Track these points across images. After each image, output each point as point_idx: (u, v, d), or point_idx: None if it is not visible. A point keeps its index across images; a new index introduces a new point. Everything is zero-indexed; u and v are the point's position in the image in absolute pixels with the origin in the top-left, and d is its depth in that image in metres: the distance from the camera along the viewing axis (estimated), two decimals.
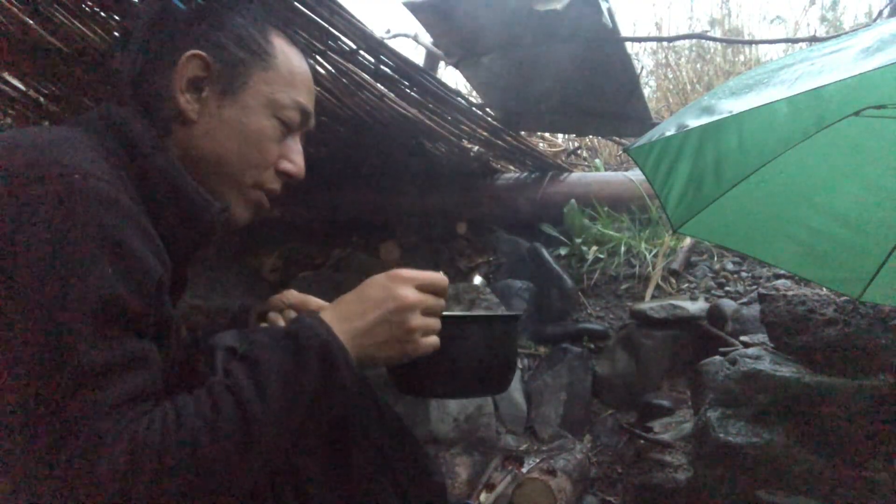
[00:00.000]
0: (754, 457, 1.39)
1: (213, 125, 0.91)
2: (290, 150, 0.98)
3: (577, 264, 2.46)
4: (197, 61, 0.90)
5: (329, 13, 1.46)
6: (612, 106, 2.33)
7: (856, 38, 0.90)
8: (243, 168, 0.93)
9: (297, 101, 0.96)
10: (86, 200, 0.70)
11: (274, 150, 0.96)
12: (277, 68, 0.95)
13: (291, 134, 0.98)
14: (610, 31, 1.94)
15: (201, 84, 0.91)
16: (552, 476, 1.67)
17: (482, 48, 2.14)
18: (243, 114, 0.92)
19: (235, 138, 0.92)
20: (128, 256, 0.72)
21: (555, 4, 1.83)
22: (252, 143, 0.93)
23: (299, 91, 0.97)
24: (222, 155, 0.92)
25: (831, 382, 1.39)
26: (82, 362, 0.66)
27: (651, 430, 1.82)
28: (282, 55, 0.96)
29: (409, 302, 0.85)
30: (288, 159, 0.98)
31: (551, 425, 2.06)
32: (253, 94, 0.93)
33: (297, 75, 0.97)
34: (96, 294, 0.68)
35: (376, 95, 1.90)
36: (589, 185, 2.61)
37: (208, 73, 0.91)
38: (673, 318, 2.05)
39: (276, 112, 0.94)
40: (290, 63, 0.97)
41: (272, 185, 0.98)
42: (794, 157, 1.28)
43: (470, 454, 1.93)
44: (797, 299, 1.52)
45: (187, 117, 0.90)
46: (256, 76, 0.93)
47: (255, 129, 0.93)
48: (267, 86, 0.94)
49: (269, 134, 0.94)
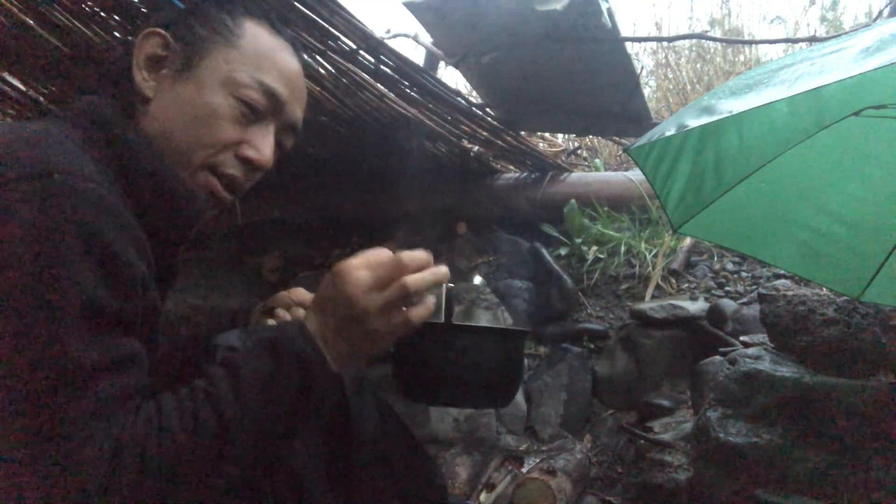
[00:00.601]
0: (754, 457, 1.39)
1: (167, 102, 0.89)
2: (254, 137, 0.92)
3: (577, 264, 2.46)
4: (155, 38, 0.89)
5: (329, 13, 1.46)
6: (612, 106, 2.33)
7: (856, 38, 0.90)
8: (192, 146, 0.89)
9: (261, 82, 0.91)
10: (66, 200, 0.70)
11: (229, 132, 0.90)
12: (241, 47, 0.91)
13: (261, 121, 0.93)
14: (610, 31, 1.94)
15: (161, 62, 0.90)
16: (552, 476, 1.67)
17: (482, 48, 2.14)
18: (197, 90, 0.89)
19: (186, 115, 0.89)
20: (110, 256, 0.72)
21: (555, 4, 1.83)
22: (202, 120, 0.89)
23: (266, 72, 0.92)
24: (171, 132, 0.88)
25: (831, 382, 1.39)
26: (66, 365, 0.66)
27: (651, 430, 1.82)
28: (251, 36, 0.92)
29: (360, 308, 0.78)
30: (251, 145, 0.92)
31: (551, 425, 2.06)
32: (210, 72, 0.89)
33: (264, 56, 0.93)
34: (79, 296, 0.68)
35: (376, 95, 1.90)
36: (589, 185, 2.61)
37: (167, 52, 0.90)
38: (673, 318, 2.05)
39: (234, 91, 0.90)
40: (257, 43, 0.93)
41: (229, 170, 0.92)
42: (794, 157, 1.27)
43: (470, 454, 1.93)
44: (797, 299, 1.52)
45: (143, 95, 0.89)
46: (216, 53, 0.90)
47: (207, 106, 0.89)
48: (227, 64, 0.90)
49: (224, 113, 0.89)
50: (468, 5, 2.01)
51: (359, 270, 0.80)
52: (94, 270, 0.70)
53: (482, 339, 1.00)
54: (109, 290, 0.71)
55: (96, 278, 0.70)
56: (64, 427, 0.65)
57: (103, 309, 0.70)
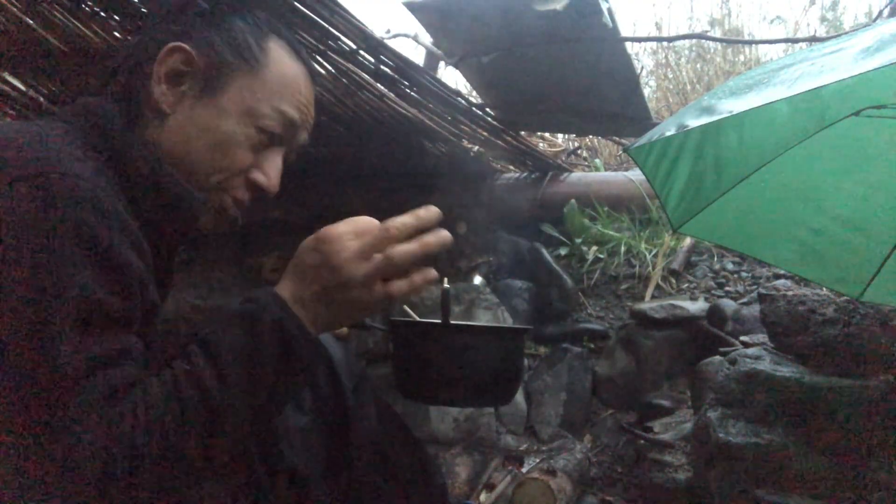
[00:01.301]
0: (754, 457, 1.39)
1: (186, 122, 0.89)
2: (265, 161, 0.94)
3: (577, 264, 2.46)
4: (180, 54, 0.89)
5: (329, 13, 1.46)
6: (612, 106, 2.33)
7: (856, 38, 0.90)
8: (208, 170, 0.90)
9: (282, 112, 0.92)
10: (64, 200, 0.70)
11: (244, 158, 0.91)
12: (265, 77, 0.92)
13: (273, 146, 0.94)
14: (610, 31, 1.93)
15: (181, 78, 0.90)
16: (552, 476, 1.67)
17: (482, 48, 2.14)
18: (218, 116, 0.89)
19: (205, 139, 0.89)
20: (107, 255, 0.72)
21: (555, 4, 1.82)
22: (220, 147, 0.90)
23: (286, 102, 0.93)
24: (188, 153, 0.89)
25: (831, 382, 1.39)
26: (62, 364, 0.67)
27: (651, 430, 1.82)
28: (274, 64, 0.93)
29: (344, 276, 0.77)
30: (261, 170, 0.94)
31: (551, 425, 2.06)
32: (232, 99, 0.90)
33: (286, 86, 0.94)
34: (76, 295, 0.69)
35: (376, 95, 1.90)
36: (589, 185, 2.61)
37: (190, 68, 0.89)
38: (673, 318, 2.05)
39: (255, 120, 0.91)
40: (281, 72, 0.93)
41: (239, 194, 0.94)
42: (795, 157, 1.27)
43: (470, 454, 1.93)
44: (797, 299, 1.52)
45: (161, 109, 0.89)
46: (240, 81, 0.91)
47: (226, 133, 0.89)
48: (249, 92, 0.91)
49: (241, 141, 0.91)
50: (468, 5, 2.00)
51: (345, 238, 0.78)
52: (91, 269, 0.70)
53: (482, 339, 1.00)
54: (106, 289, 0.71)
55: (93, 277, 0.70)
56: (56, 426, 0.65)
57: (100, 307, 0.71)
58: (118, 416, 0.68)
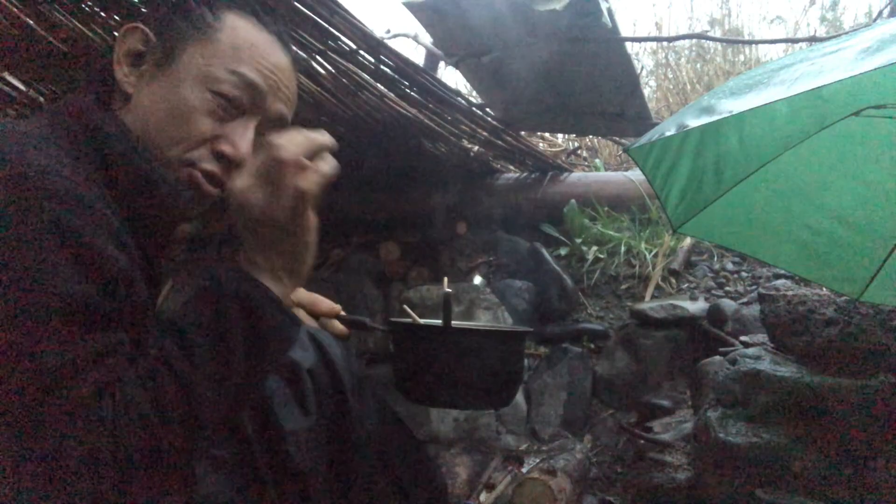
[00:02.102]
0: (754, 457, 1.39)
1: (145, 98, 0.88)
2: (232, 131, 0.89)
3: (577, 264, 2.46)
4: (136, 34, 0.89)
5: (329, 13, 1.46)
6: (612, 106, 2.33)
7: (856, 38, 0.91)
8: (167, 142, 0.88)
9: (239, 73, 0.88)
10: (42, 198, 0.70)
11: (203, 127, 0.88)
12: (219, 40, 0.89)
13: (240, 116, 0.90)
14: (610, 31, 1.94)
15: (141, 59, 0.89)
16: (552, 476, 1.67)
17: (482, 48, 2.14)
18: (173, 86, 0.88)
19: (162, 111, 0.87)
20: (88, 253, 0.72)
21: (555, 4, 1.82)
22: (177, 115, 0.87)
23: (244, 64, 0.89)
24: (148, 128, 0.87)
25: (831, 382, 1.39)
26: (44, 365, 0.66)
27: (651, 430, 1.82)
28: (229, 29, 0.90)
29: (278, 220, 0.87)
30: (228, 140, 0.89)
31: (551, 425, 2.06)
32: (186, 67, 0.88)
33: (243, 50, 0.90)
34: (57, 294, 0.68)
35: (376, 95, 1.90)
36: (589, 185, 2.61)
37: (147, 47, 0.89)
38: (673, 318, 2.05)
39: (210, 85, 0.88)
40: (236, 36, 0.90)
41: (206, 165, 0.89)
42: (794, 157, 1.27)
43: (470, 454, 1.93)
44: (797, 299, 1.52)
45: (124, 91, 0.89)
46: (193, 49, 0.89)
47: (182, 101, 0.87)
48: (202, 58, 0.88)
49: (196, 106, 0.87)
50: (468, 5, 2.01)
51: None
52: (71, 266, 0.70)
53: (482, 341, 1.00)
54: (87, 286, 0.71)
55: (73, 274, 0.70)
56: (40, 429, 0.65)
57: (82, 305, 0.70)
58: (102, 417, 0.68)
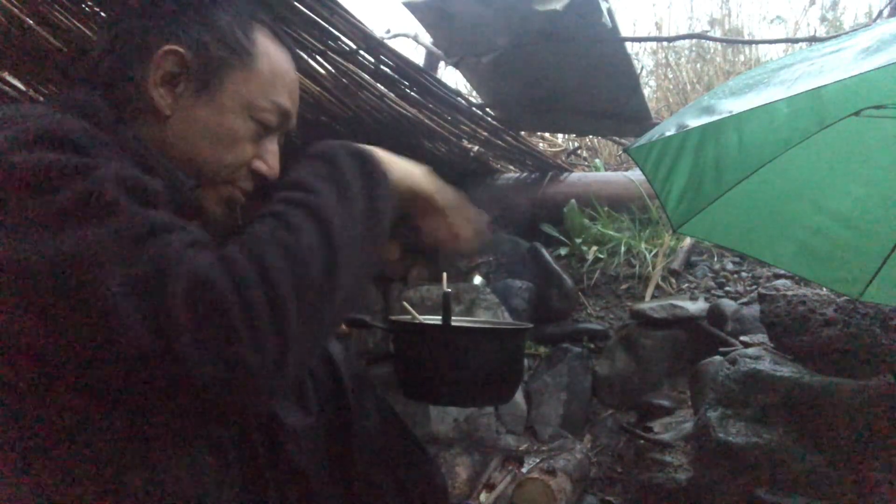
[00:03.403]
0: (754, 457, 1.39)
1: (187, 122, 0.90)
2: (265, 151, 0.96)
3: (577, 264, 2.46)
4: (174, 56, 0.89)
5: (329, 13, 1.46)
6: (612, 106, 2.33)
7: (856, 39, 0.90)
8: (216, 167, 0.93)
9: (276, 103, 0.95)
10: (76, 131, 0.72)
11: (248, 150, 0.95)
12: (258, 69, 0.93)
13: (269, 134, 0.97)
14: (610, 31, 1.93)
15: (177, 79, 0.90)
16: (552, 476, 1.67)
17: (482, 48, 2.14)
18: (218, 113, 0.91)
19: (209, 137, 0.91)
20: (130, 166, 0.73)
21: (555, 4, 1.82)
22: (226, 143, 0.92)
23: (279, 93, 0.96)
24: (195, 153, 0.91)
25: (831, 382, 1.39)
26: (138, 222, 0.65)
27: (651, 430, 1.82)
28: (264, 55, 0.94)
29: None
30: (262, 160, 0.96)
31: (551, 425, 2.06)
32: (230, 95, 0.92)
33: (278, 77, 0.96)
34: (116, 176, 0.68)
35: (376, 95, 1.90)
36: (589, 185, 2.61)
37: (184, 69, 0.90)
38: (673, 318, 2.05)
39: (253, 113, 0.93)
40: (272, 64, 0.95)
41: (245, 184, 0.97)
42: (794, 157, 1.27)
43: (470, 454, 1.93)
44: (797, 299, 1.52)
45: (160, 112, 0.89)
46: (235, 76, 0.92)
47: (229, 129, 0.92)
48: (245, 86, 0.92)
49: (244, 134, 0.93)
50: (468, 5, 2.00)
51: None
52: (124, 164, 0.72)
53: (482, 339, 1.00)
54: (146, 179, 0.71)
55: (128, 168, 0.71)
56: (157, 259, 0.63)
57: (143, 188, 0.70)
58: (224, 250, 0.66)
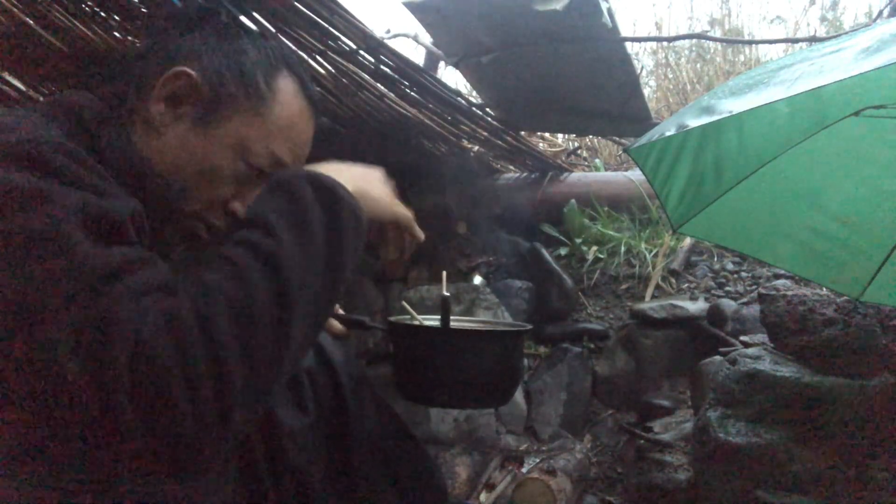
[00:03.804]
0: (754, 457, 1.39)
1: (177, 145, 0.87)
2: (248, 192, 0.90)
3: (577, 264, 2.46)
4: (185, 79, 0.86)
5: (329, 13, 1.46)
6: (612, 106, 2.33)
7: (856, 39, 0.90)
8: (190, 197, 0.88)
9: (272, 153, 0.90)
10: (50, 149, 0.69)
11: (225, 190, 0.89)
12: (266, 116, 0.90)
13: (258, 178, 0.91)
14: (610, 31, 1.93)
15: (181, 100, 0.87)
16: (552, 476, 1.67)
17: (482, 48, 2.14)
18: (210, 147, 0.87)
19: (192, 165, 0.87)
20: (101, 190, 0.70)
21: (555, 4, 1.82)
22: (205, 175, 0.88)
23: (281, 145, 0.91)
24: (176, 176, 0.87)
25: (831, 382, 1.39)
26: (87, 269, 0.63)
27: (651, 430, 1.82)
28: (278, 105, 0.91)
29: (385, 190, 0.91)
30: (241, 201, 0.91)
31: (551, 425, 2.06)
32: (228, 132, 0.88)
33: (287, 129, 0.92)
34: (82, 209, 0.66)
35: (376, 95, 1.90)
36: (589, 185, 2.61)
37: (191, 94, 0.87)
38: (673, 318, 2.05)
39: (246, 156, 0.89)
40: (283, 115, 0.91)
41: (214, 221, 0.91)
42: (794, 157, 1.27)
43: (470, 454, 1.93)
44: (797, 299, 1.52)
45: (154, 126, 0.87)
46: (240, 116, 0.88)
47: (215, 165, 0.87)
48: (246, 129, 0.88)
49: (227, 176, 0.88)
50: (468, 5, 2.00)
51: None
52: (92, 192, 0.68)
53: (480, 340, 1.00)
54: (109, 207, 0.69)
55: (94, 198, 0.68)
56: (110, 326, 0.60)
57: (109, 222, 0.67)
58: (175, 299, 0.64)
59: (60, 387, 0.60)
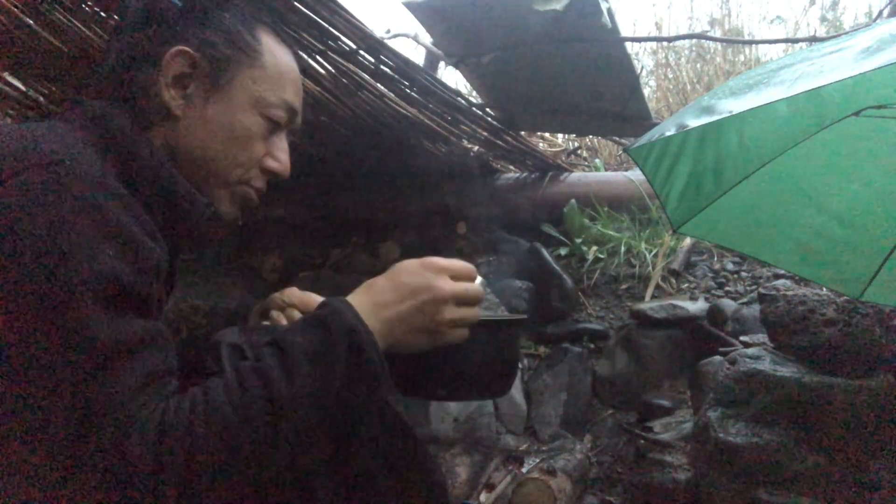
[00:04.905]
0: (754, 457, 1.39)
1: (199, 122, 0.91)
2: (275, 148, 0.97)
3: (577, 264, 2.46)
4: (183, 58, 0.90)
5: (329, 13, 1.46)
6: (612, 106, 2.33)
7: (856, 39, 0.91)
8: (229, 166, 0.93)
9: (285, 100, 0.96)
10: (78, 184, 0.70)
11: (260, 148, 0.95)
12: (265, 66, 0.95)
13: (277, 132, 0.98)
14: (610, 31, 1.93)
15: (187, 80, 0.91)
16: (552, 476, 1.67)
17: (482, 48, 2.14)
18: (229, 111, 0.92)
19: (221, 136, 0.92)
20: (127, 238, 0.71)
21: (555, 4, 1.82)
22: (238, 141, 0.93)
23: (286, 89, 0.97)
24: (208, 152, 0.91)
25: (831, 382, 1.39)
26: (94, 345, 0.65)
27: (651, 430, 1.82)
28: (269, 53, 0.96)
29: (445, 293, 0.84)
30: (273, 157, 0.97)
31: (551, 425, 2.06)
32: (240, 92, 0.92)
33: (284, 73, 0.97)
34: (98, 276, 0.67)
35: (376, 95, 1.90)
36: (589, 185, 2.61)
37: (194, 70, 0.91)
38: (673, 318, 2.05)
39: (263, 110, 0.94)
40: (277, 61, 0.97)
41: (257, 183, 0.98)
42: (794, 157, 1.27)
43: (470, 454, 1.93)
44: (797, 299, 1.52)
45: (172, 113, 0.90)
46: (243, 73, 0.93)
47: (241, 126, 0.93)
48: (254, 83, 0.93)
49: (255, 132, 0.94)
50: (468, 5, 2.00)
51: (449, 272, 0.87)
52: (113, 252, 0.69)
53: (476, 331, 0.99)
54: (129, 272, 0.70)
55: (115, 260, 0.69)
56: (102, 413, 0.63)
57: (124, 290, 0.69)
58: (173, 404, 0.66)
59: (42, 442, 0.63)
